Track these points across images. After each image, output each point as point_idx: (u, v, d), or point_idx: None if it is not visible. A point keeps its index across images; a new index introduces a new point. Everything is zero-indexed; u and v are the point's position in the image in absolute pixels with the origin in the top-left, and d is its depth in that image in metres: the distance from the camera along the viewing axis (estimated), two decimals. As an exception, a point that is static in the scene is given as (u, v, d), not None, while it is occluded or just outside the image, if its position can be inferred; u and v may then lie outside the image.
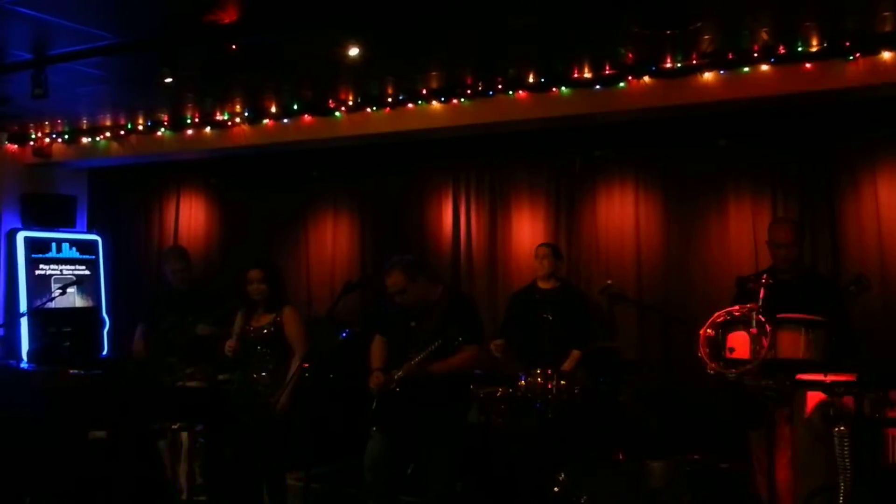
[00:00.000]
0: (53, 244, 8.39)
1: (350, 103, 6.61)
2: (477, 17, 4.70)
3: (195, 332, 5.96)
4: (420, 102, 6.37)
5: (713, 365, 4.31)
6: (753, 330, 4.20)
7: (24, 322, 7.87)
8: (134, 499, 5.76)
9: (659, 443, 6.52)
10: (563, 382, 5.81)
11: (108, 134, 7.83)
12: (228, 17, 4.61)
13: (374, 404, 4.94)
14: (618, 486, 5.51)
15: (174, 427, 5.79)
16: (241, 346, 5.49)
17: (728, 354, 4.30)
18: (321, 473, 6.07)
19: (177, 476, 5.94)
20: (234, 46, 4.80)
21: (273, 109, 6.93)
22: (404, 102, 6.42)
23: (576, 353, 6.10)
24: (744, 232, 6.46)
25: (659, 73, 5.52)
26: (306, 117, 6.87)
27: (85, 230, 8.86)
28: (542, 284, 6.41)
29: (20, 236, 8.17)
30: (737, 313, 4.33)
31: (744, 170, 6.54)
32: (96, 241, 8.77)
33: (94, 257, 8.70)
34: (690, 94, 5.52)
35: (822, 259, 6.19)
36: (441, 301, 4.99)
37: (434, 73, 5.94)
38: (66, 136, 8.02)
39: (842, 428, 3.99)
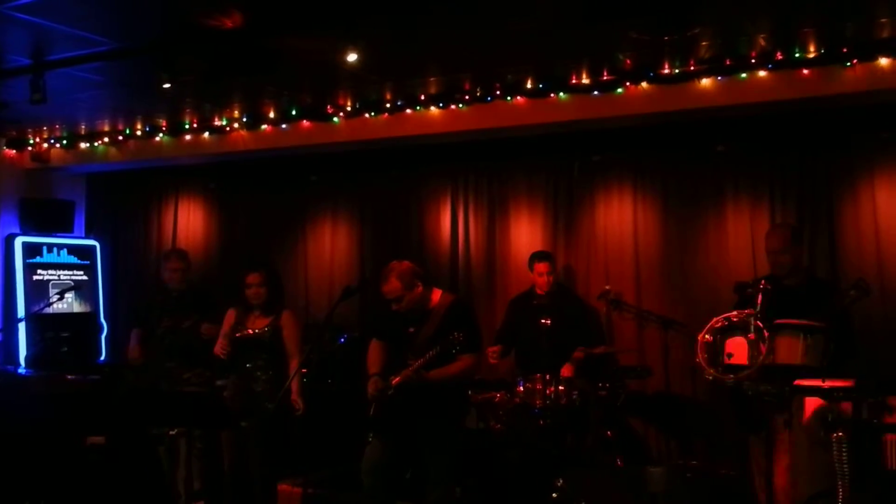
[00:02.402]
0: (52, 249, 8.38)
1: (348, 109, 6.60)
2: (475, 23, 4.71)
3: (199, 331, 5.95)
4: (418, 108, 6.37)
5: (711, 370, 4.31)
6: (751, 335, 4.20)
7: (21, 327, 7.85)
8: (132, 504, 5.76)
9: (658, 448, 6.54)
10: (561, 388, 5.82)
11: (106, 139, 7.81)
12: (231, 21, 4.61)
13: (372, 410, 4.93)
14: (616, 492, 5.50)
15: (172, 432, 5.78)
16: (234, 347, 5.50)
17: (726, 360, 4.30)
18: (319, 478, 6.07)
19: (175, 482, 5.93)
20: (232, 52, 4.80)
21: (271, 115, 6.92)
22: (402, 108, 6.41)
23: (578, 354, 6.10)
24: (742, 237, 6.47)
25: (657, 79, 5.52)
26: (305, 122, 6.86)
27: (83, 235, 8.84)
28: (539, 290, 6.44)
29: (18, 241, 8.15)
30: (735, 318, 4.34)
31: (742, 175, 6.55)
32: (94, 247, 8.76)
33: (91, 262, 8.69)
34: (688, 99, 5.52)
35: (821, 264, 6.20)
36: (440, 307, 4.98)
37: (432, 79, 5.94)
38: (65, 141, 8.01)
39: (840, 433, 3.99)
